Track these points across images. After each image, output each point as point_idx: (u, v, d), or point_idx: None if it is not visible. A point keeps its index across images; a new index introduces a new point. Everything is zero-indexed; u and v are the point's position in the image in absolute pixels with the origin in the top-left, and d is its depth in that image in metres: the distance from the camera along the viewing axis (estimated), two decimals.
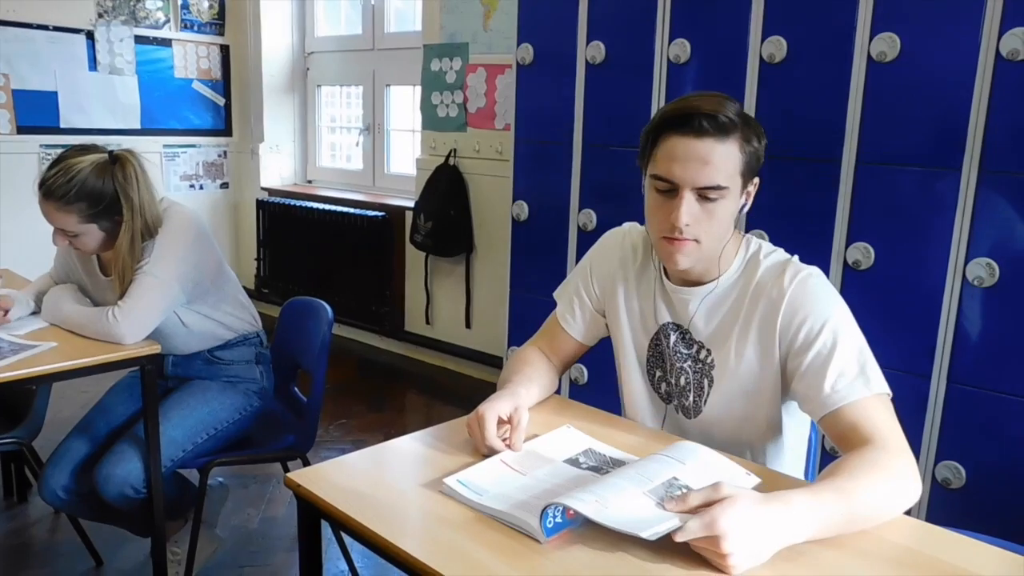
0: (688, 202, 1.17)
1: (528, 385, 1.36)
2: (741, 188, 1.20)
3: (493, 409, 1.22)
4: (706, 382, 1.30)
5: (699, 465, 1.08)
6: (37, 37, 4.00)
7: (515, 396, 1.27)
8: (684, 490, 1.00)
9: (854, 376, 1.13)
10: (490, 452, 1.19)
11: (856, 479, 1.00)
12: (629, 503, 0.96)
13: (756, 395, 1.27)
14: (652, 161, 1.21)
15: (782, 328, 1.20)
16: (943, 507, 2.05)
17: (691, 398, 1.32)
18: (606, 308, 1.44)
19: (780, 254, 1.28)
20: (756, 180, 1.24)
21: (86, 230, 1.81)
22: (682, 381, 1.33)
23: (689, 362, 1.32)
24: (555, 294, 1.51)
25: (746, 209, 1.26)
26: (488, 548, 0.95)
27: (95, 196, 1.77)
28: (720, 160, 1.16)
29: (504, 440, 1.20)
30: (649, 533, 0.90)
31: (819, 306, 1.19)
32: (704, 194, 1.17)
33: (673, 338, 1.33)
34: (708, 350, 1.30)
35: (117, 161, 1.80)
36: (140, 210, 1.79)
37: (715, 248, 1.24)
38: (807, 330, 1.18)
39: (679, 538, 0.90)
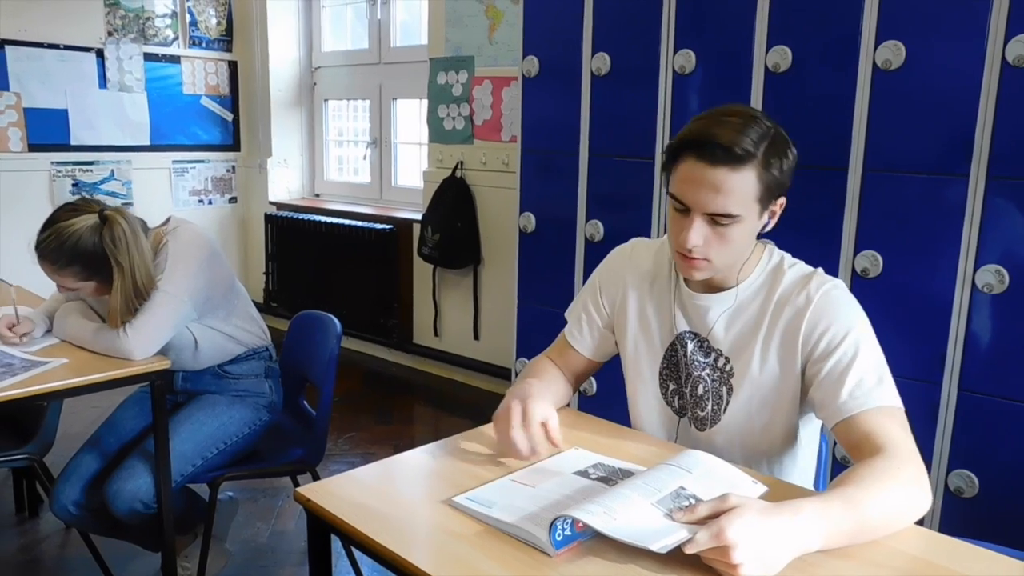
0: (698, 226, 1.18)
1: (549, 389, 1.38)
2: (759, 213, 1.20)
3: (540, 409, 1.22)
4: (725, 390, 1.30)
5: (705, 474, 1.08)
6: (47, 56, 4.04)
7: (546, 400, 1.28)
8: (692, 500, 1.00)
9: (872, 385, 1.14)
10: (509, 448, 1.20)
11: (866, 488, 0.99)
12: (637, 514, 0.96)
13: (776, 403, 1.27)
14: (671, 179, 1.22)
15: (805, 335, 1.21)
16: (956, 516, 2.03)
17: (709, 407, 1.32)
18: (615, 325, 1.44)
19: (804, 266, 1.29)
20: (782, 200, 1.24)
21: (85, 286, 1.84)
22: (700, 390, 1.33)
23: (707, 370, 1.31)
24: (566, 313, 1.52)
25: (769, 228, 1.25)
26: (498, 561, 0.95)
27: (86, 259, 1.78)
28: (732, 189, 1.15)
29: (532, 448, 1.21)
30: (659, 546, 0.90)
31: (843, 316, 1.20)
32: (716, 219, 1.18)
33: (690, 347, 1.33)
34: (727, 358, 1.29)
35: (106, 223, 1.79)
36: (131, 272, 1.79)
37: (730, 265, 1.25)
38: (829, 338, 1.19)
39: (689, 550, 0.90)
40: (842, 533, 0.96)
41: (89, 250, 1.77)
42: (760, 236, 1.28)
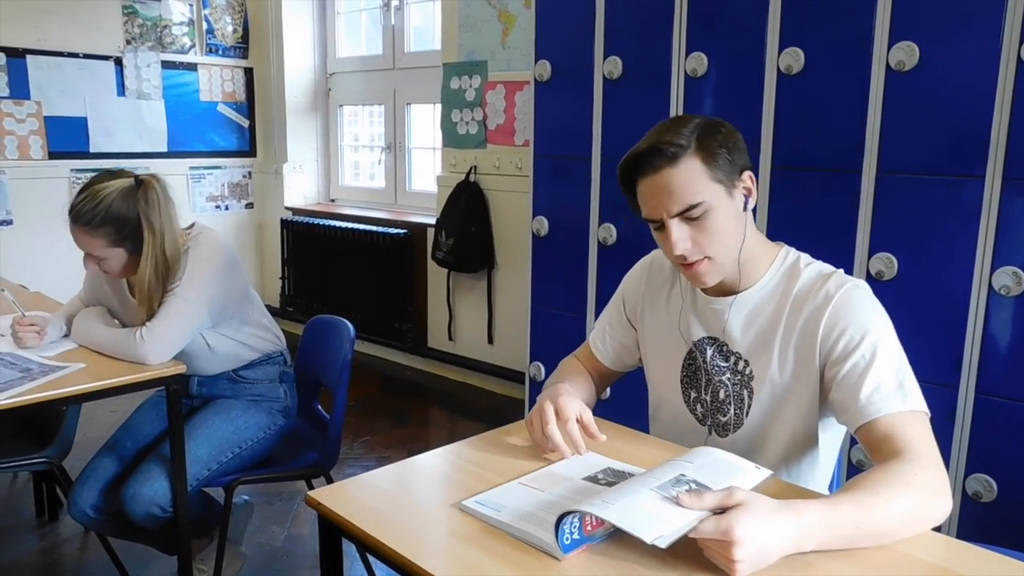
0: (677, 230, 1.20)
1: (579, 390, 1.40)
2: (726, 192, 1.21)
3: (573, 406, 1.26)
4: (746, 393, 1.30)
5: (707, 461, 1.08)
6: (67, 65, 4.10)
7: (577, 399, 1.30)
8: (692, 485, 1.00)
9: (892, 389, 1.13)
10: (547, 445, 1.23)
11: (878, 493, 0.99)
12: (634, 498, 0.96)
13: (796, 404, 1.26)
14: (639, 207, 1.26)
15: (823, 335, 1.21)
16: (973, 521, 2.01)
17: (731, 412, 1.32)
18: (639, 337, 1.46)
19: (823, 265, 1.29)
20: (747, 174, 1.24)
21: (113, 254, 1.84)
22: (721, 395, 1.33)
23: (728, 374, 1.31)
24: (597, 320, 1.55)
25: (751, 203, 1.25)
26: (508, 566, 0.95)
27: (120, 221, 1.80)
28: (681, 182, 1.18)
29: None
30: (653, 538, 0.89)
31: (861, 317, 1.19)
32: (686, 216, 1.19)
33: (710, 352, 1.33)
34: (746, 361, 1.29)
35: (141, 185, 1.83)
36: (160, 236, 1.81)
37: (733, 255, 1.25)
38: (847, 339, 1.18)
39: (693, 535, 0.91)
40: (846, 536, 0.96)
41: (123, 213, 1.79)
42: (770, 234, 1.28)
